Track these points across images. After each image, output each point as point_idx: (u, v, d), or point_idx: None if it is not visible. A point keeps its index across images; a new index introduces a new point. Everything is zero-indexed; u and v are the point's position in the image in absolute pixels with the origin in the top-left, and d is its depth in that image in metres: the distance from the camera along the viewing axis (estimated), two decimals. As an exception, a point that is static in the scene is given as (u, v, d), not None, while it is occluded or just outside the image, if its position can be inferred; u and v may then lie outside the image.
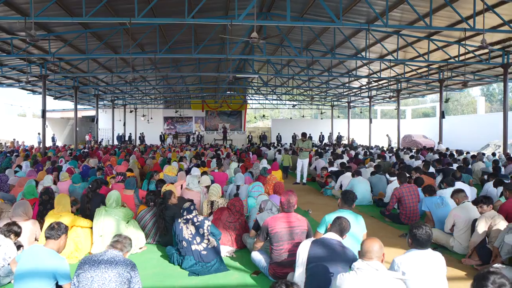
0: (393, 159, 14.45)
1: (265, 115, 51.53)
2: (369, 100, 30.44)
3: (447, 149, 17.98)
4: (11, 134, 28.94)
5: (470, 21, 11.31)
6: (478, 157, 12.53)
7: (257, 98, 38.33)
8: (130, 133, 35.65)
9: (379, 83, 25.75)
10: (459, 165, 10.54)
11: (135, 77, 23.38)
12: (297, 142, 11.96)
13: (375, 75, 21.76)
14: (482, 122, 29.16)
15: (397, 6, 12.00)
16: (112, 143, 31.12)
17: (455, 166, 10.29)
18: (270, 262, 4.18)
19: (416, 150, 17.59)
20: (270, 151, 20.83)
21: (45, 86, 18.05)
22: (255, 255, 4.47)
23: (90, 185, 6.27)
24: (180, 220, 4.69)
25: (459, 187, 6.56)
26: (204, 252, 4.53)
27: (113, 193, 5.14)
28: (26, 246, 4.53)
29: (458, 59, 15.88)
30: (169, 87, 29.42)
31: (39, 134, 24.59)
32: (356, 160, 13.55)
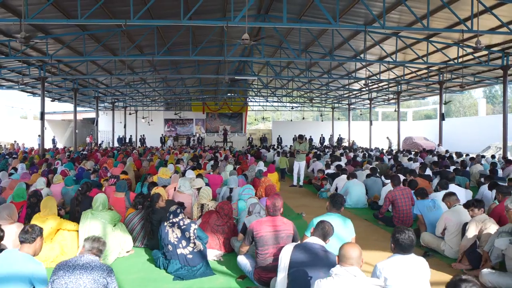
0: (391, 161, 14.35)
1: (265, 117, 51.48)
2: (369, 102, 30.35)
3: (446, 151, 17.86)
4: (13, 136, 29.02)
5: (468, 22, 11.24)
6: (476, 160, 12.43)
7: (258, 100, 38.32)
8: (131, 135, 35.66)
9: (379, 85, 25.66)
10: (456, 167, 10.45)
11: (134, 79, 23.51)
12: (293, 144, 11.91)
13: (375, 77, 21.69)
14: (483, 124, 29.03)
15: (395, 8, 11.93)
16: (112, 145, 31.13)
17: (452, 169, 10.20)
18: (255, 266, 4.13)
19: (414, 152, 17.46)
20: (270, 153, 20.78)
21: (44, 88, 18.08)
22: (241, 259, 4.41)
23: (80, 188, 6.25)
24: (166, 224, 4.64)
25: (453, 189, 6.50)
26: (190, 256, 4.47)
27: (100, 196, 5.09)
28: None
29: (458, 61, 15.80)
30: (169, 89, 29.44)
31: (39, 136, 24.60)
32: (354, 162, 13.43)
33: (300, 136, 11.97)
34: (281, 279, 3.40)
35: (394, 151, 20.52)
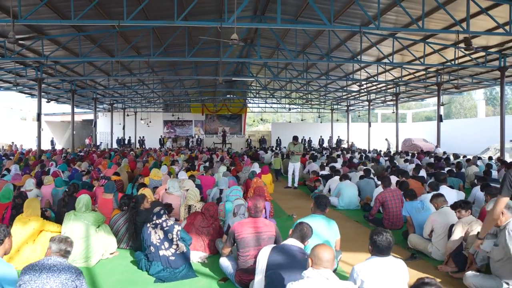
0: (388, 163, 14.28)
1: (264, 119, 51.44)
2: (368, 104, 30.27)
3: (444, 153, 17.78)
4: (12, 138, 29.01)
5: (464, 24, 11.18)
6: (472, 161, 12.35)
7: (257, 102, 38.29)
8: (130, 137, 35.62)
9: (377, 86, 25.59)
10: (450, 169, 10.38)
11: (132, 80, 23.49)
12: (288, 145, 11.87)
13: (373, 78, 21.61)
14: (482, 126, 28.96)
15: (390, 9, 11.88)
16: (111, 146, 31.10)
17: (446, 170, 10.14)
18: (237, 268, 4.07)
19: (411, 154, 17.39)
20: (267, 155, 20.74)
21: (41, 90, 18.05)
22: (223, 261, 4.36)
23: (67, 189, 6.21)
24: (149, 225, 4.59)
25: (445, 191, 6.44)
26: (172, 257, 4.42)
27: (83, 197, 5.04)
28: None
29: (455, 62, 15.73)
30: (167, 90, 29.40)
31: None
32: (350, 163, 13.38)
33: (295, 138, 11.93)
34: (258, 281, 3.35)
35: (392, 153, 20.44)
